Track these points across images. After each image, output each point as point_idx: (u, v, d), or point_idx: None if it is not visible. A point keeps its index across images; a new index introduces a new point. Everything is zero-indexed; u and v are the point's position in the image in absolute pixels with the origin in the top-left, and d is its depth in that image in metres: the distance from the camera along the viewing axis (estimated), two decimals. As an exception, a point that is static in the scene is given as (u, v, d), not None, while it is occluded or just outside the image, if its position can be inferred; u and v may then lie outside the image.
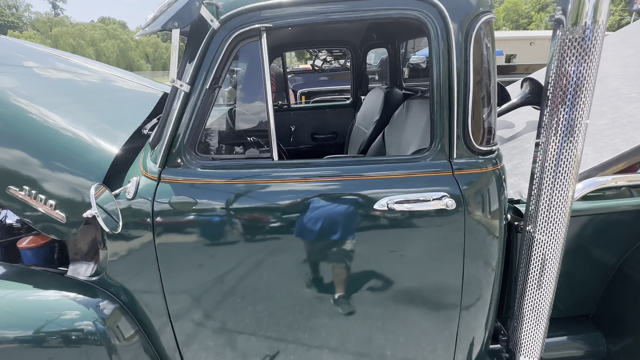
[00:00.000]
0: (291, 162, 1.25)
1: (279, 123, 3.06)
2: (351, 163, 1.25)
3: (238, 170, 1.24)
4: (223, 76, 1.21)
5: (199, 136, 1.24)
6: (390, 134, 1.93)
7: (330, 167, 1.25)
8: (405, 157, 1.26)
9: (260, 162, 1.25)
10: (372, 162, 1.27)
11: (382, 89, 2.48)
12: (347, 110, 3.14)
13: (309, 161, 1.26)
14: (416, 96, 1.79)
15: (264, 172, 1.24)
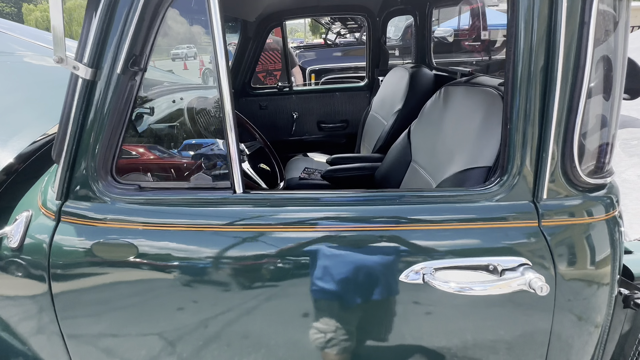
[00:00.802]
0: (260, 195, 0.76)
1: (278, 109, 2.55)
2: (358, 199, 0.75)
3: (178, 207, 0.76)
4: (146, 52, 0.71)
5: (115, 152, 0.76)
6: (419, 134, 1.41)
7: (326, 206, 0.76)
8: (450, 192, 0.76)
9: (213, 196, 0.77)
10: (391, 198, 0.77)
11: (407, 69, 1.92)
12: (361, 95, 2.58)
13: (287, 194, 0.77)
14: (460, 81, 1.25)
15: (219, 211, 0.76)
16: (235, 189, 0.75)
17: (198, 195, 0.76)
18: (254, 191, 0.77)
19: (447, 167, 1.07)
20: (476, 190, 0.74)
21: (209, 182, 0.77)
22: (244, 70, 2.38)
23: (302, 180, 1.98)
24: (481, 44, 5.59)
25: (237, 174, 0.74)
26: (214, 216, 0.76)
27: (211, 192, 0.76)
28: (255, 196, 0.76)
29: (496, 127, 0.93)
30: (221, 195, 0.75)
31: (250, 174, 1.23)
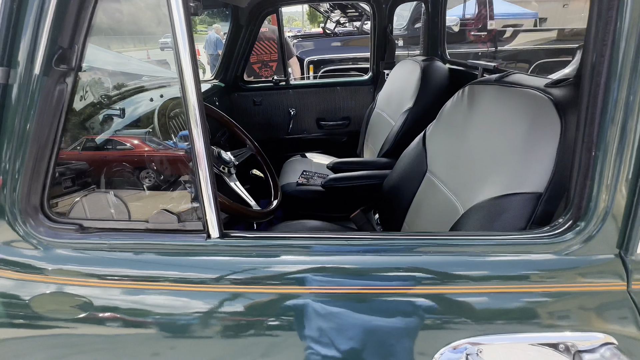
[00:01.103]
0: (243, 241, 0.56)
1: (273, 105, 2.33)
2: (372, 247, 0.55)
3: (132, 255, 0.56)
4: (79, 44, 0.50)
5: (46, 179, 0.56)
6: (437, 140, 1.20)
7: (329, 255, 0.56)
8: (498, 237, 0.56)
9: (179, 242, 0.56)
10: (416, 244, 0.57)
11: (417, 62, 1.71)
12: (365, 89, 2.37)
13: (282, 238, 0.57)
14: (490, 79, 1.04)
15: (189, 261, 0.56)
16: (209, 232, 0.55)
17: (159, 241, 0.56)
18: (235, 233, 0.57)
19: (477, 188, 0.87)
20: (538, 237, 0.54)
21: (174, 223, 0.57)
22: (236, 62, 2.15)
23: (300, 187, 1.78)
24: (487, 34, 5.35)
25: (211, 213, 0.54)
26: (180, 268, 0.56)
27: (177, 236, 0.56)
28: (236, 242, 0.56)
29: (547, 143, 0.73)
30: (190, 242, 0.55)
31: (238, 191, 1.02)
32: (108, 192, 0.65)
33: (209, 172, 0.52)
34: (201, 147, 0.52)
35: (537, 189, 0.71)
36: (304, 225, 1.44)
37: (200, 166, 0.52)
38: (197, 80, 0.50)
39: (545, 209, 0.70)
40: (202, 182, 0.53)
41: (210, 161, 0.53)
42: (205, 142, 0.52)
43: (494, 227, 0.75)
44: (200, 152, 0.52)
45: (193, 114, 0.50)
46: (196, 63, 0.50)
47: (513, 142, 0.81)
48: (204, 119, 0.51)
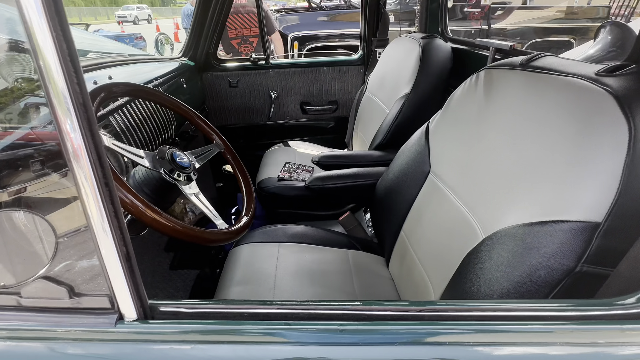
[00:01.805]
0: (177, 323, 0.36)
1: (252, 87, 2.07)
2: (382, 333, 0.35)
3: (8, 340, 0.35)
4: None
5: None
6: (443, 135, 1.00)
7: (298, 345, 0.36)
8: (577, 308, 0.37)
9: (77, 326, 0.35)
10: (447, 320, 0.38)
11: (416, 40, 1.48)
12: (354, 70, 2.13)
13: (232, 312, 0.37)
14: (514, 62, 0.82)
15: (88, 358, 0.35)
16: (120, 311, 0.34)
17: (41, 325, 0.35)
18: (169, 307, 0.36)
19: (503, 207, 0.68)
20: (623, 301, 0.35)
21: (63, 299, 0.36)
22: (207, 36, 1.87)
23: (281, 182, 1.57)
24: (481, 10, 5.10)
25: (123, 281, 0.33)
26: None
27: (69, 317, 0.35)
28: (168, 326, 0.35)
29: (608, 153, 0.54)
30: (89, 327, 0.34)
31: (199, 204, 0.81)
32: None
33: (108, 213, 0.31)
34: (89, 164, 0.30)
35: (593, 218, 0.53)
36: (285, 231, 1.24)
37: (87, 199, 0.31)
38: (68, 47, 0.28)
39: (604, 244, 0.52)
40: (100, 231, 0.31)
41: (111, 190, 0.31)
42: (96, 149, 0.30)
43: (531, 264, 0.57)
44: (88, 170, 0.30)
45: (61, 102, 0.28)
46: (63, 16, 0.27)
47: (556, 149, 0.62)
48: (89, 109, 0.29)
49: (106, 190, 0.30)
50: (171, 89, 1.54)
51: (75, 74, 0.28)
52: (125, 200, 0.63)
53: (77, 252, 0.36)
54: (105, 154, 0.30)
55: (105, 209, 0.31)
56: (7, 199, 0.40)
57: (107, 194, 0.31)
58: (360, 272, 1.13)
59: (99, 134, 0.30)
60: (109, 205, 0.31)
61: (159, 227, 0.66)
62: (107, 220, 0.31)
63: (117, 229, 0.32)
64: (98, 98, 0.67)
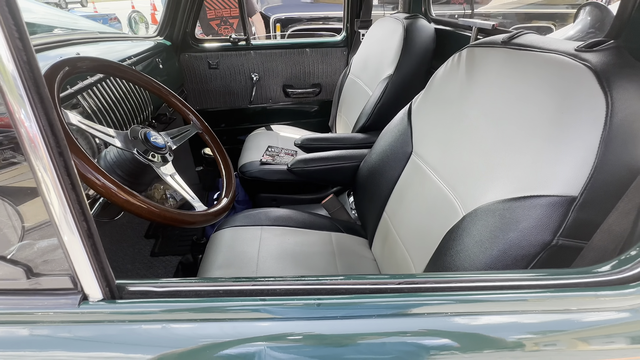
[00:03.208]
0: (146, 303, 0.34)
1: (233, 69, 2.01)
2: (362, 306, 0.35)
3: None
4: None
5: None
6: (425, 115, 0.99)
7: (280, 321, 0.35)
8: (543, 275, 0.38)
9: (38, 307, 0.33)
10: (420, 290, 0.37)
11: (399, 20, 1.46)
12: (338, 52, 2.09)
13: (204, 289, 0.35)
14: (496, 40, 0.82)
15: (52, 341, 0.33)
16: (84, 290, 0.32)
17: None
18: (137, 287, 0.34)
19: (482, 184, 0.69)
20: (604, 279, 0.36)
21: (21, 279, 0.33)
22: (184, 14, 1.79)
23: (263, 166, 1.54)
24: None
25: (85, 259, 0.31)
26: (39, 347, 0.33)
27: (29, 299, 0.33)
28: (136, 306, 0.33)
29: (585, 128, 0.54)
30: (51, 308, 0.32)
31: (175, 186, 0.78)
32: None
33: (67, 191, 0.29)
34: (37, 135, 0.27)
35: (570, 192, 0.53)
36: (268, 215, 1.23)
37: (50, 181, 0.28)
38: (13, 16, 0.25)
39: (579, 217, 0.53)
40: (55, 207, 0.29)
41: (69, 168, 0.29)
42: (52, 124, 0.27)
43: (509, 238, 0.57)
44: (38, 145, 0.28)
45: (9, 80, 0.25)
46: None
47: (535, 125, 0.62)
48: (42, 86, 0.26)
49: (60, 160, 0.28)
50: (147, 69, 1.47)
51: (25, 52, 0.25)
52: (96, 181, 0.60)
53: (36, 230, 0.34)
54: (58, 124, 0.27)
55: (61, 181, 0.28)
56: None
57: (63, 165, 0.28)
58: (343, 253, 1.13)
59: (54, 108, 0.27)
60: (64, 177, 0.28)
61: (132, 209, 0.64)
62: (64, 194, 0.29)
63: (76, 203, 0.29)
64: (61, 73, 0.62)
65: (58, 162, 0.28)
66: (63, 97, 0.92)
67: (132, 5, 14.06)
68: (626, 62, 0.56)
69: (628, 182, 0.50)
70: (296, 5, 4.71)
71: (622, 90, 0.52)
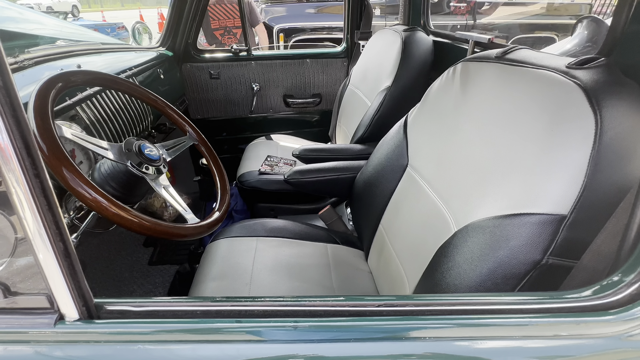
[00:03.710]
0: (124, 324, 0.34)
1: (234, 79, 2.03)
2: (348, 329, 0.34)
3: None
4: None
5: None
6: (420, 128, 1.00)
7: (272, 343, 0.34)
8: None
9: (13, 327, 0.33)
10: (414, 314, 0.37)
11: (398, 32, 1.47)
12: (338, 63, 2.11)
13: (187, 310, 0.35)
14: (490, 55, 0.82)
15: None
16: (60, 310, 0.32)
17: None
18: (116, 306, 0.34)
19: (474, 200, 0.68)
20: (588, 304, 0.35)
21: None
22: (187, 25, 1.82)
23: (262, 175, 1.55)
24: (467, 5, 5.12)
25: (60, 277, 0.31)
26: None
27: (5, 318, 0.33)
28: (114, 326, 0.33)
29: (574, 146, 0.54)
30: (26, 328, 0.32)
31: (169, 198, 0.78)
32: None
33: (40, 207, 0.29)
34: (16, 160, 0.27)
35: (560, 210, 0.53)
36: (264, 225, 1.23)
37: (23, 197, 0.28)
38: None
39: (569, 236, 0.52)
40: (30, 226, 0.29)
41: (44, 184, 0.29)
42: (24, 146, 0.28)
43: (499, 256, 0.57)
44: (17, 166, 0.28)
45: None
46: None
47: (526, 142, 0.61)
48: (18, 109, 0.26)
49: (37, 182, 0.28)
50: (148, 80, 1.49)
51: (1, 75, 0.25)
52: (87, 196, 0.60)
53: (14, 248, 0.34)
54: (35, 144, 0.28)
55: (36, 202, 0.29)
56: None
57: (39, 185, 0.28)
58: (339, 266, 1.12)
59: (28, 125, 0.27)
60: (40, 198, 0.29)
61: (123, 223, 0.64)
62: (40, 214, 0.29)
63: (52, 224, 0.30)
64: (54, 89, 0.63)
65: (34, 183, 0.28)
66: (62, 109, 0.93)
67: (140, 15, 14.32)
68: (616, 80, 0.55)
69: (617, 201, 0.49)
70: (300, 15, 4.76)
71: (612, 109, 0.52)
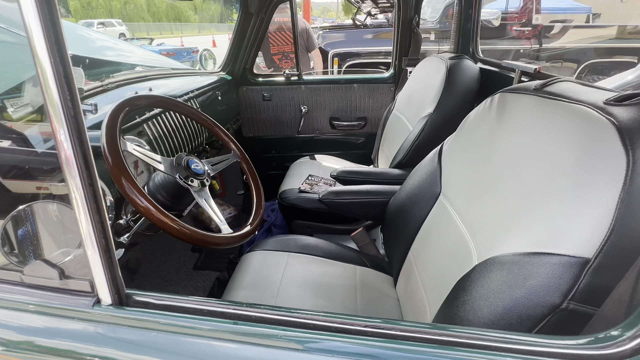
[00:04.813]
0: (147, 313, 0.40)
1: (284, 101, 2.16)
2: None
3: (5, 312, 0.41)
4: None
5: None
6: (454, 157, 0.98)
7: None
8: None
9: (64, 304, 0.41)
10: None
11: (443, 60, 1.47)
12: (385, 88, 2.14)
13: (199, 308, 0.40)
14: (529, 87, 0.80)
15: (71, 332, 0.40)
16: (98, 295, 0.39)
17: (37, 299, 0.41)
18: (143, 297, 0.41)
19: (499, 233, 0.66)
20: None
21: (54, 279, 0.42)
22: (245, 53, 2.00)
23: (301, 193, 1.61)
24: (532, 29, 4.87)
25: (100, 269, 0.38)
26: (60, 338, 0.40)
27: (59, 296, 0.41)
28: (139, 313, 0.39)
29: (603, 186, 0.51)
30: (72, 306, 0.40)
31: (208, 210, 0.87)
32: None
33: (90, 210, 0.36)
34: (76, 169, 0.35)
35: (583, 253, 0.50)
36: (297, 242, 1.28)
37: (78, 201, 0.36)
38: (62, 60, 0.33)
39: (592, 281, 0.49)
40: (83, 224, 0.37)
41: (95, 191, 0.37)
42: (83, 158, 0.35)
43: (515, 295, 0.54)
44: (76, 174, 0.36)
45: (55, 110, 0.34)
46: (59, 31, 0.33)
47: (553, 179, 0.59)
48: (76, 111, 0.34)
49: (90, 189, 0.36)
50: (207, 101, 1.66)
51: (70, 93, 0.34)
52: (139, 203, 0.70)
53: (73, 242, 0.42)
54: (91, 158, 0.36)
55: (88, 206, 0.36)
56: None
57: (91, 192, 0.36)
58: (366, 289, 1.12)
59: (88, 143, 0.35)
60: (92, 202, 0.36)
61: (166, 228, 0.73)
62: (90, 216, 0.36)
63: (98, 224, 0.37)
64: (122, 112, 0.76)
65: (88, 190, 0.36)
66: (132, 125, 1.09)
67: (213, 41, 15.76)
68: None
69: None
70: (356, 40, 4.92)
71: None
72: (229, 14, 5.55)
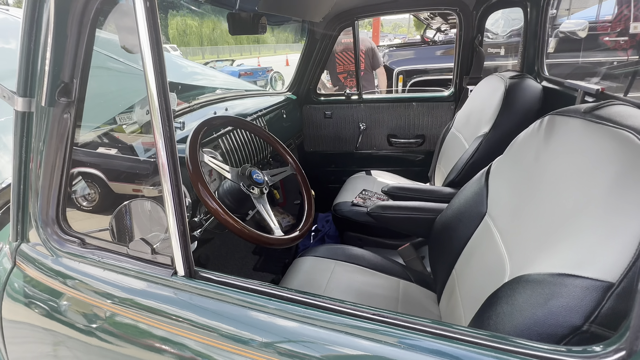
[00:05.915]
0: (208, 284, 0.53)
1: (344, 118, 2.29)
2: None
3: (115, 275, 0.58)
4: (76, 79, 0.54)
5: (60, 196, 0.62)
6: (502, 178, 0.98)
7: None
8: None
9: (150, 272, 0.56)
10: None
11: (503, 79, 1.45)
12: (445, 106, 2.14)
13: (245, 286, 0.52)
14: (578, 109, 0.79)
15: (156, 295, 0.55)
16: (176, 268, 0.53)
17: (136, 267, 0.57)
18: (206, 273, 0.54)
19: (534, 253, 0.68)
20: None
21: (147, 253, 0.57)
22: (310, 75, 2.18)
23: (354, 207, 1.69)
24: (629, 39, 4.33)
25: (178, 248, 0.52)
26: (148, 299, 0.55)
27: (149, 266, 0.56)
28: (202, 284, 0.53)
29: (632, 214, 0.51)
30: (157, 275, 0.54)
31: (265, 214, 1.00)
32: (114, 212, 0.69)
33: (174, 205, 0.50)
34: (168, 174, 0.50)
35: (608, 277, 0.51)
36: (345, 251, 1.36)
37: (168, 197, 0.51)
38: (161, 79, 0.48)
39: (615, 306, 0.49)
40: (170, 215, 0.51)
41: (179, 192, 0.51)
42: (174, 173, 0.50)
43: (536, 314, 0.56)
44: (167, 177, 0.50)
45: (158, 128, 0.48)
46: (162, 59, 0.48)
47: (589, 203, 0.60)
48: (170, 129, 0.48)
49: (176, 190, 0.50)
50: (273, 119, 1.86)
51: (167, 120, 0.49)
52: (210, 204, 0.86)
53: (162, 227, 0.57)
54: (178, 167, 0.50)
55: (174, 203, 0.50)
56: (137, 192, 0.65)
57: (177, 193, 0.50)
58: (407, 303, 1.15)
59: (177, 155, 0.50)
60: (176, 200, 0.50)
61: (229, 227, 0.87)
62: (174, 210, 0.50)
63: (179, 215, 0.51)
64: (202, 131, 0.94)
65: (174, 191, 0.50)
66: (210, 140, 1.30)
67: (287, 60, 16.82)
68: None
69: (671, 277, 0.45)
70: (423, 58, 4.89)
71: (679, 178, 0.49)
72: (303, 35, 6.11)
